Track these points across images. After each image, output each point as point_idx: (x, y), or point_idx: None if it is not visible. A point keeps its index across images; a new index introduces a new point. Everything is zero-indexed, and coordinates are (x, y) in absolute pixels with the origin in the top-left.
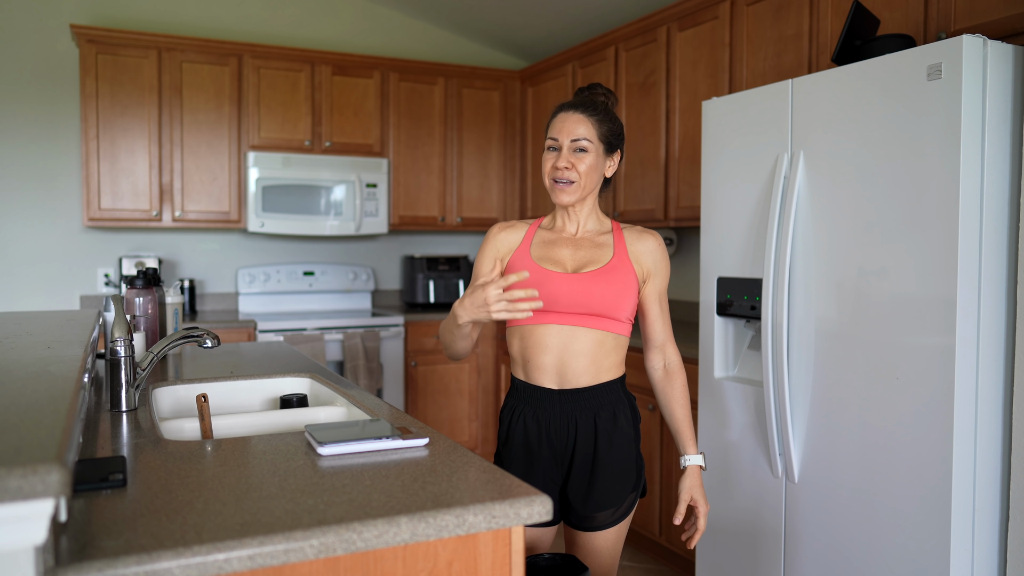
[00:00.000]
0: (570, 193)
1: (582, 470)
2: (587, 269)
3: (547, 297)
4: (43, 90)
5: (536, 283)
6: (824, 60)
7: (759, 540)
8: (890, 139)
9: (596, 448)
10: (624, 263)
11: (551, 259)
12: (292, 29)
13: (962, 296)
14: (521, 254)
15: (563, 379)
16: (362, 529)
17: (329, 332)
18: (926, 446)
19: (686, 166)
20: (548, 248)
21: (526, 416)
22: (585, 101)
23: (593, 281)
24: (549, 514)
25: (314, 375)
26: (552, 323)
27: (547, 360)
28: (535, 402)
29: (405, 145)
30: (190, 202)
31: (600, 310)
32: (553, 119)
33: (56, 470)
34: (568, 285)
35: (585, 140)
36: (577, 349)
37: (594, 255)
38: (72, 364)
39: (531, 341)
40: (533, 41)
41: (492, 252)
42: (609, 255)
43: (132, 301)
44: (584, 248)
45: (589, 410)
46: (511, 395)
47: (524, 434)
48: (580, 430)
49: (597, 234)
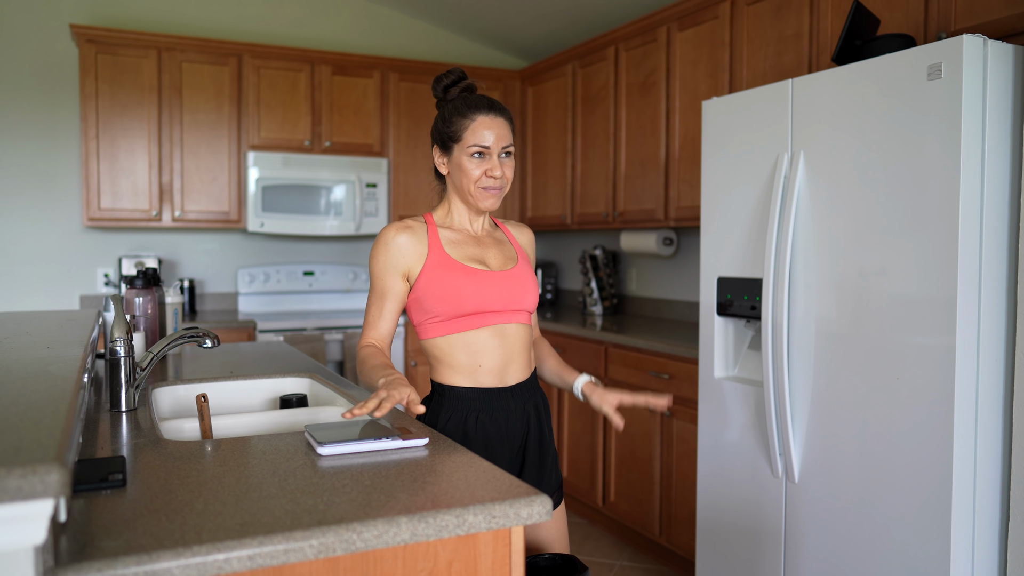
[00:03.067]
0: (497, 198)
1: (534, 457)
2: (508, 267)
3: (483, 297)
4: (43, 90)
5: (471, 283)
6: (824, 60)
7: (759, 540)
8: (890, 139)
9: (541, 434)
10: (524, 257)
11: (473, 259)
12: (292, 29)
13: (962, 296)
14: (439, 258)
15: (505, 376)
16: (362, 529)
17: (329, 332)
18: (926, 446)
19: (686, 166)
20: (461, 248)
21: (483, 419)
22: (498, 104)
23: (518, 278)
24: (549, 514)
25: (314, 375)
26: (493, 323)
27: (494, 360)
28: (488, 403)
29: (405, 145)
30: (190, 202)
31: (525, 305)
32: (474, 123)
33: (56, 470)
34: (500, 283)
35: (512, 146)
36: (515, 345)
37: (504, 251)
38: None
39: (478, 347)
40: (533, 41)
41: (396, 262)
42: (513, 251)
43: (132, 301)
44: (491, 246)
45: (531, 401)
46: (450, 404)
47: (485, 437)
48: (531, 421)
49: (492, 230)
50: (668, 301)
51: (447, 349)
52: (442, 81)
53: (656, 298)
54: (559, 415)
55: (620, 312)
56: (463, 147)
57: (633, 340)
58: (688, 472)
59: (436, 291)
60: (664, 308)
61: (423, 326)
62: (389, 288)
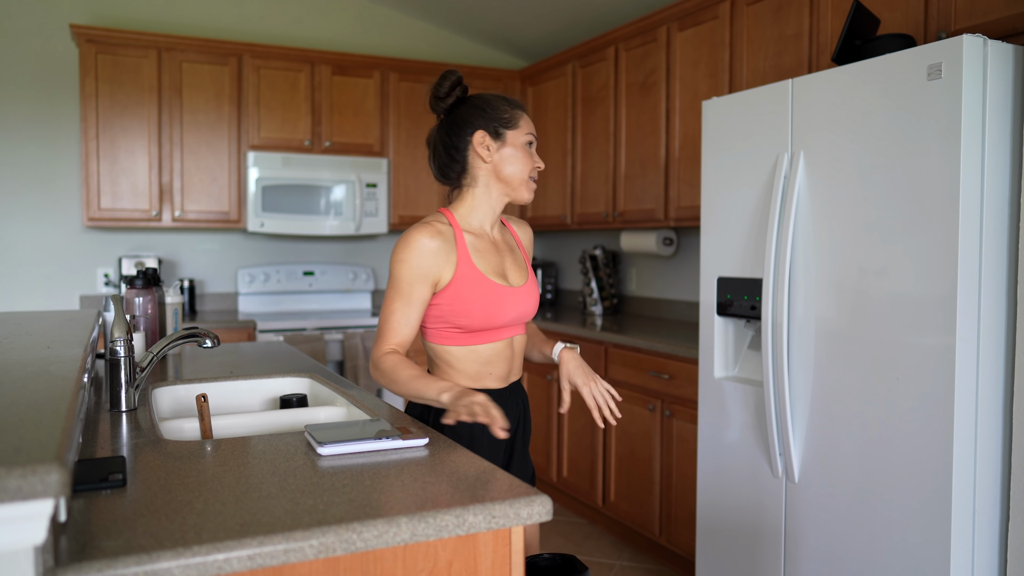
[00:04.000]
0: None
1: (520, 450)
2: (524, 281)
3: (504, 316)
4: (43, 90)
5: (496, 303)
6: (824, 60)
7: (759, 540)
8: (890, 139)
9: (525, 429)
10: (529, 264)
11: (497, 272)
12: (292, 29)
13: (962, 296)
14: (468, 270)
15: (508, 378)
16: (362, 529)
17: (329, 332)
18: (926, 446)
19: (686, 166)
20: (485, 258)
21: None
22: None
23: (531, 293)
24: (549, 514)
25: (314, 375)
26: (506, 337)
27: (502, 369)
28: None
29: (405, 145)
30: (190, 202)
31: (531, 317)
32: (524, 115)
33: (56, 470)
34: (518, 300)
35: None
36: (519, 352)
37: (517, 261)
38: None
39: (490, 357)
40: (533, 41)
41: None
42: (523, 259)
43: (132, 301)
44: (507, 254)
45: (520, 395)
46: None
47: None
48: (521, 415)
49: (502, 231)
50: (668, 301)
51: (460, 357)
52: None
53: (656, 298)
54: (558, 415)
55: (620, 312)
56: (519, 134)
57: (633, 340)
58: (688, 472)
59: (462, 305)
60: (664, 308)
61: (437, 332)
62: (417, 295)
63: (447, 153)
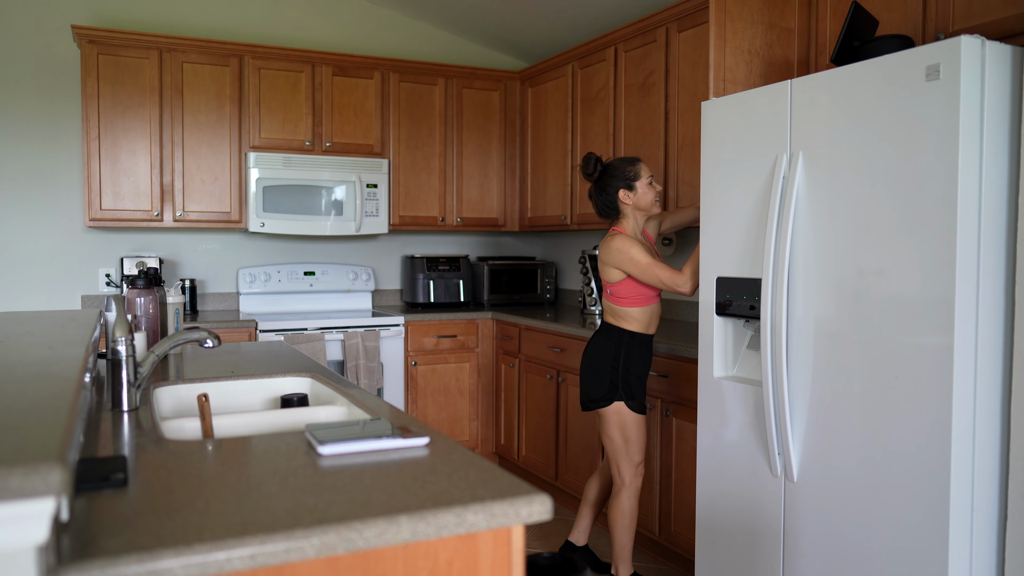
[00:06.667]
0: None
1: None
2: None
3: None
4: (44, 91)
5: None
6: (823, 61)
7: (758, 539)
8: (889, 139)
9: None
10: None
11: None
12: (292, 30)
13: (960, 296)
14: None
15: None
16: (363, 528)
17: (329, 332)
18: (925, 445)
19: (686, 166)
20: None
21: (645, 351)
22: None
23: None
24: (549, 513)
25: (315, 375)
26: (657, 301)
27: (655, 321)
28: (648, 341)
29: (405, 145)
30: (191, 202)
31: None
32: (641, 165)
33: (57, 469)
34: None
35: None
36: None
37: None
38: (73, 364)
39: (652, 313)
40: (533, 42)
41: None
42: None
43: (133, 301)
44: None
45: None
46: (636, 344)
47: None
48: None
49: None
50: (667, 301)
51: (639, 313)
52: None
53: None
54: (558, 415)
55: None
56: (643, 181)
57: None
58: (687, 471)
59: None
60: (663, 308)
61: (631, 299)
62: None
63: (604, 205)
